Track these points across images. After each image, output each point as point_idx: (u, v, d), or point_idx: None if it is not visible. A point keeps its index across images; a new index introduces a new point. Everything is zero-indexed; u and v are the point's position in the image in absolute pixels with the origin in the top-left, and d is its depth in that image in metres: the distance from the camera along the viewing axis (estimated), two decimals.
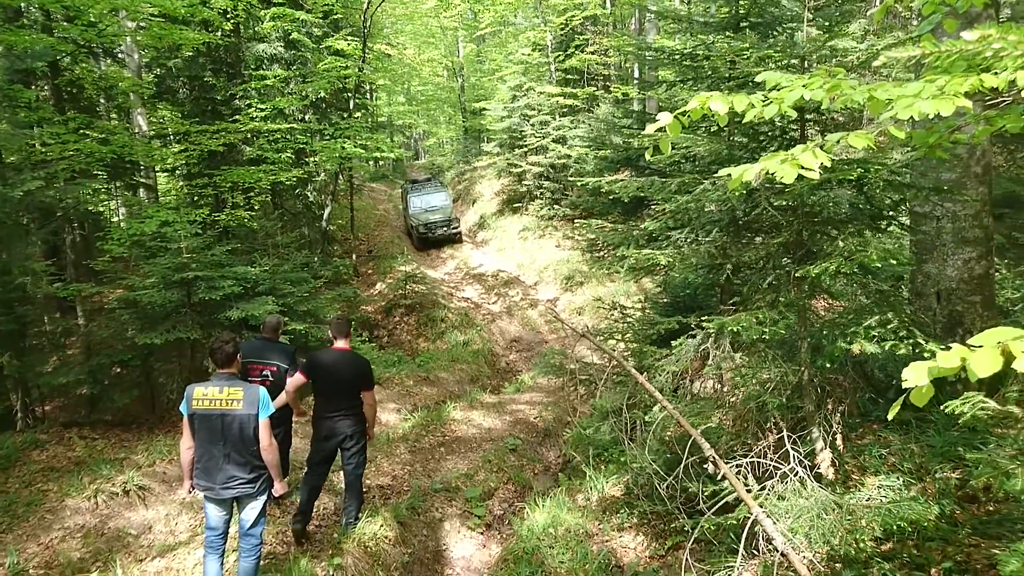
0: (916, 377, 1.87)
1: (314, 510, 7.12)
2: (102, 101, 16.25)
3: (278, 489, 5.18)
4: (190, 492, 5.09)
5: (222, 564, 5.13)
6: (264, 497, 5.10)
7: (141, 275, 9.53)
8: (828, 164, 2.54)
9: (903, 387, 1.92)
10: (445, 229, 23.77)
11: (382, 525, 6.50)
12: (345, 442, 6.29)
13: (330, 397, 6.20)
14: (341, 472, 6.60)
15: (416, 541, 6.89)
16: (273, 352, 6.72)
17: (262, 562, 5.31)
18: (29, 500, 6.53)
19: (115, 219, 18.39)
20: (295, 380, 6.13)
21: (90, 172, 12.31)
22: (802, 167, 2.50)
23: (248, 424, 4.82)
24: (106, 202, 18.05)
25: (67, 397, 10.32)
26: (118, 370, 9.37)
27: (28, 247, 9.57)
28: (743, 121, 3.36)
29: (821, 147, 2.61)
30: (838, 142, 2.69)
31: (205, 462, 4.85)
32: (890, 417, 2.14)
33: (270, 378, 6.49)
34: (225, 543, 5.14)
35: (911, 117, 2.51)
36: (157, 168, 15.72)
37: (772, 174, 2.53)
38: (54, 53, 11.66)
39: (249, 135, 14.56)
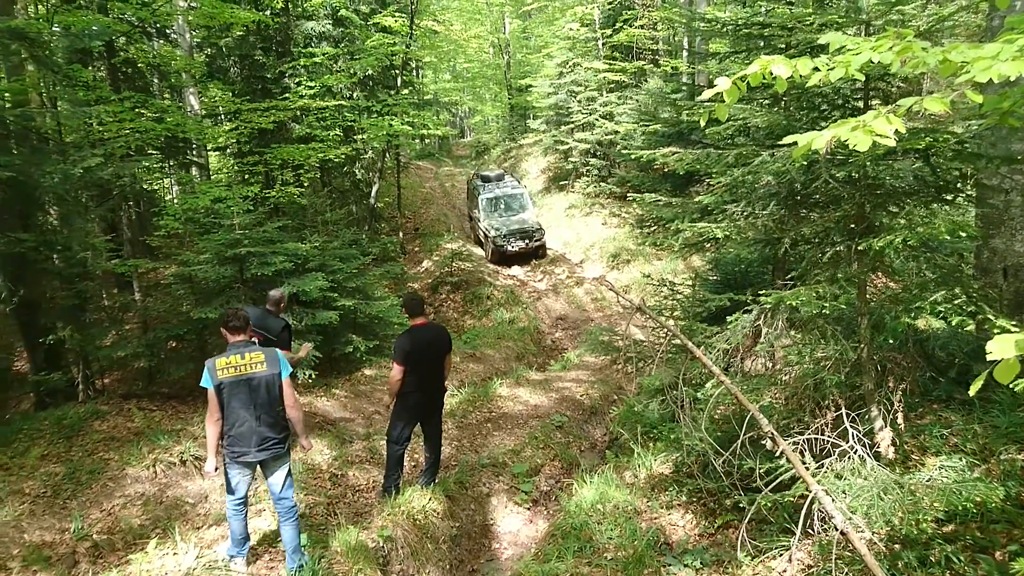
0: (1002, 350, 1.77)
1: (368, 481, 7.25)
2: (155, 81, 16.54)
3: (306, 445, 5.50)
4: (216, 470, 5.19)
5: (246, 522, 5.35)
6: (289, 459, 5.30)
7: (195, 251, 9.71)
8: (903, 131, 2.43)
9: (988, 360, 1.83)
10: (528, 241, 19.44)
11: (431, 499, 6.56)
12: (438, 407, 6.71)
13: (428, 370, 6.45)
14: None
15: (464, 515, 6.94)
16: (267, 323, 7.08)
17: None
18: (92, 468, 6.73)
19: (169, 197, 18.77)
20: (397, 371, 6.30)
21: (145, 150, 12.58)
22: (876, 134, 2.40)
23: (274, 384, 5.04)
24: (160, 180, 18.42)
25: (126, 370, 10.60)
26: (174, 344, 9.58)
27: (88, 223, 9.80)
28: (807, 86, 3.24)
29: (893, 113, 2.50)
30: (911, 107, 2.56)
31: (238, 428, 4.98)
32: (972, 393, 2.04)
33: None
34: (248, 506, 5.36)
35: (987, 81, 2.39)
36: (209, 146, 15.99)
37: (844, 142, 2.43)
38: (110, 33, 11.89)
39: (298, 113, 14.72)
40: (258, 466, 5.16)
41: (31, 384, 9.29)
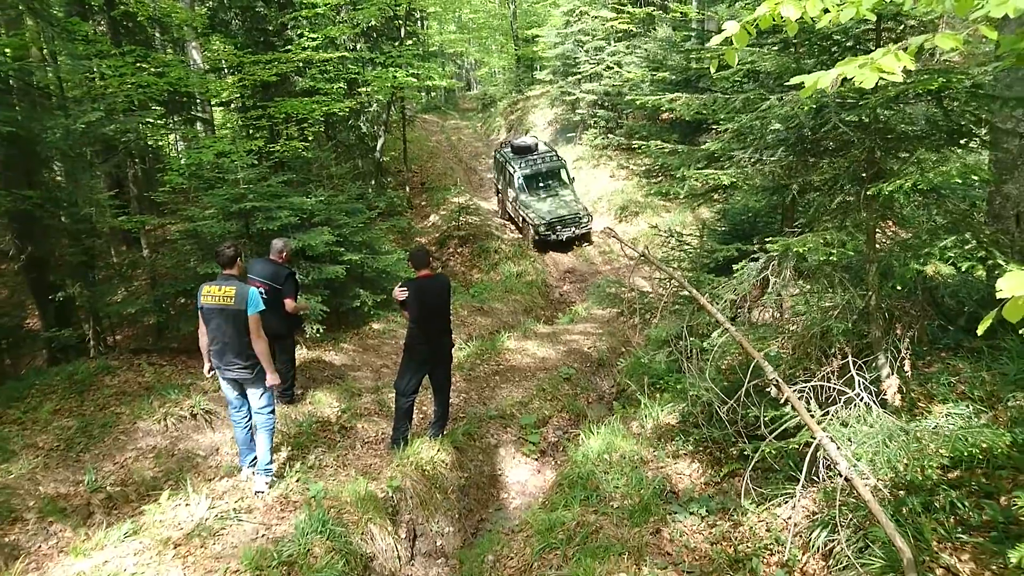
0: (1013, 287, 1.72)
1: (377, 433, 7.31)
2: (157, 34, 16.27)
3: (270, 380, 5.81)
4: (209, 372, 5.90)
5: (250, 434, 5.99)
6: (264, 384, 5.80)
7: (201, 206, 9.67)
8: (912, 68, 2.35)
9: (998, 299, 1.78)
10: (574, 228, 17.29)
11: (439, 450, 6.63)
12: (445, 358, 6.72)
13: (433, 320, 6.48)
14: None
15: (472, 465, 7.02)
16: (270, 273, 7.14)
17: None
18: (104, 422, 6.81)
19: (173, 153, 18.65)
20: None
21: (148, 105, 12.45)
22: (883, 71, 2.32)
23: (239, 318, 5.57)
24: (165, 136, 18.29)
25: (135, 326, 10.66)
26: (182, 300, 9.61)
27: (92, 179, 9.75)
28: (816, 27, 3.15)
29: (903, 50, 2.42)
30: (922, 44, 2.48)
31: (214, 346, 5.67)
32: (980, 333, 2.00)
33: (263, 295, 6.82)
34: (249, 419, 5.95)
35: (1003, 20, 2.30)
36: (212, 101, 15.82)
37: (851, 79, 2.35)
38: None
39: (301, 65, 14.47)
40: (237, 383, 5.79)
41: (43, 340, 9.38)
